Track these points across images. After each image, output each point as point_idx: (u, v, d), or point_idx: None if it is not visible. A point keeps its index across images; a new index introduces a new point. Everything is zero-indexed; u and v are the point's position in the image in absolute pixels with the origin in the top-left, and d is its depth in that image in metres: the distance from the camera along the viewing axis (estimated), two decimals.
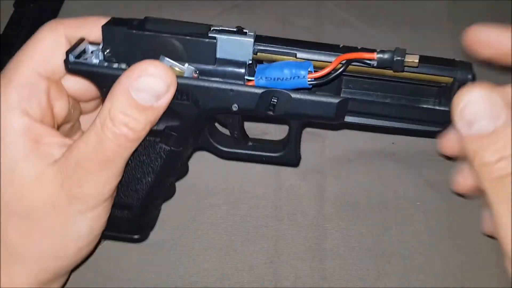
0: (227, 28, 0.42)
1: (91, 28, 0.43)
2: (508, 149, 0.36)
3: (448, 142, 0.43)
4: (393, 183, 0.60)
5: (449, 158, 0.49)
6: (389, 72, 0.42)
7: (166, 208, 0.56)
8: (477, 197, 0.41)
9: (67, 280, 0.49)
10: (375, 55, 0.40)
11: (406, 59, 0.40)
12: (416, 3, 0.76)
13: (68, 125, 0.48)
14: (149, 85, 0.39)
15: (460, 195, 0.51)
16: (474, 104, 0.36)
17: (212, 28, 0.42)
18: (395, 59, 0.40)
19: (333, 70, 0.40)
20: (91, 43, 0.44)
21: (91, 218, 0.42)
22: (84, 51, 0.43)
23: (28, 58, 0.42)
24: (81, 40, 0.43)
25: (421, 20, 0.74)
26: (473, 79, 0.42)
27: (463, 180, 0.44)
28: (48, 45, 0.42)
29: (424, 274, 0.54)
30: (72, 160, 0.40)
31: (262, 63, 0.43)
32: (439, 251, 0.55)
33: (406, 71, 0.41)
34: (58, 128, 0.46)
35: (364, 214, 0.57)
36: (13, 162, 0.40)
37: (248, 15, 0.74)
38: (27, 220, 0.41)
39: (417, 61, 0.40)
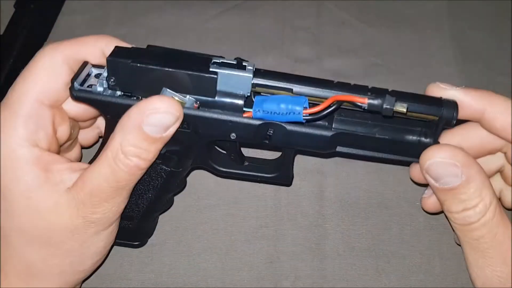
0: (227, 61, 0.44)
1: (89, 49, 0.44)
2: (471, 202, 0.41)
3: (417, 173, 0.48)
4: (393, 183, 0.60)
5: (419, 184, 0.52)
6: None
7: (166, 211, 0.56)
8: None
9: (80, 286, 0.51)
10: (366, 100, 0.42)
11: (395, 108, 0.42)
12: (416, 3, 0.76)
13: (67, 143, 0.49)
14: (159, 120, 0.40)
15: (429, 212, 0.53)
16: (437, 165, 0.41)
17: (213, 61, 0.44)
18: (384, 107, 0.42)
19: (326, 108, 0.43)
20: (94, 66, 0.45)
21: (105, 236, 0.45)
22: (88, 75, 0.45)
23: (30, 88, 0.42)
24: (85, 64, 0.44)
25: (421, 20, 0.74)
26: (457, 117, 0.44)
27: (430, 201, 0.50)
28: (48, 74, 0.43)
29: (424, 274, 0.54)
30: (86, 189, 0.42)
31: (260, 94, 0.45)
32: (439, 251, 0.55)
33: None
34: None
35: (364, 214, 0.57)
36: (27, 192, 0.41)
37: (248, 15, 0.74)
38: (48, 245, 0.43)
39: (405, 110, 0.42)
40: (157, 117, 0.40)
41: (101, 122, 0.52)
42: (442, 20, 0.74)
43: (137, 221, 0.51)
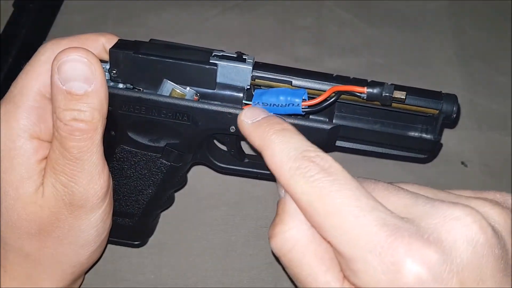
0: (227, 54, 0.44)
1: (91, 45, 0.44)
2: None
3: None
4: None
5: None
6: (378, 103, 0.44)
7: (167, 209, 0.56)
8: None
9: (83, 280, 0.51)
10: (365, 90, 0.42)
11: (394, 95, 0.42)
12: (416, 3, 0.76)
13: None
14: (72, 72, 0.39)
15: None
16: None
17: (213, 54, 0.44)
18: (383, 94, 0.42)
19: (325, 99, 0.43)
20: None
21: (94, 223, 0.44)
22: None
23: (32, 82, 0.42)
24: None
25: (421, 20, 0.74)
26: (458, 111, 0.44)
27: None
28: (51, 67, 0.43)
29: None
30: (49, 166, 0.41)
31: (260, 87, 0.45)
32: None
33: (394, 103, 0.43)
34: None
35: None
36: (17, 182, 0.41)
37: (248, 15, 0.74)
38: (38, 235, 0.43)
39: (404, 97, 0.42)
40: (66, 68, 0.39)
41: None
42: (443, 20, 0.74)
43: (137, 219, 0.51)
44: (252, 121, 0.39)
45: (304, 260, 0.33)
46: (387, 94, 0.42)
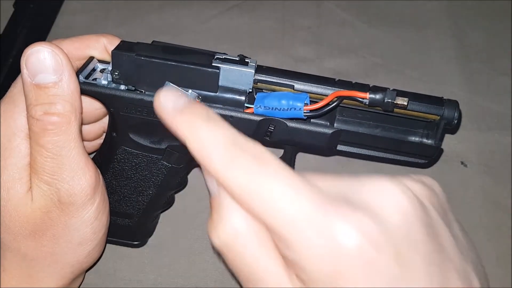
0: (230, 57, 0.44)
1: (92, 45, 0.45)
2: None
3: None
4: None
5: None
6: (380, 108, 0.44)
7: (167, 210, 0.56)
8: None
9: (83, 279, 0.50)
10: (367, 95, 0.42)
11: (396, 101, 0.42)
12: (416, 3, 0.76)
13: None
14: (39, 64, 0.39)
15: None
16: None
17: (216, 57, 0.44)
18: (385, 100, 0.42)
19: (327, 104, 0.43)
20: (100, 61, 0.45)
21: (89, 220, 0.43)
22: (93, 70, 0.45)
23: None
24: (91, 59, 0.45)
25: (421, 20, 0.74)
26: (459, 117, 0.44)
27: None
28: None
29: None
30: (31, 166, 0.41)
31: (262, 91, 0.45)
32: None
33: (396, 108, 0.44)
34: None
35: None
36: (9, 183, 0.41)
37: (248, 15, 0.74)
38: (33, 234, 0.43)
39: (406, 103, 0.42)
40: (32, 61, 0.39)
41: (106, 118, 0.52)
42: (443, 20, 0.74)
43: (137, 219, 0.51)
44: (173, 107, 0.35)
45: (247, 250, 0.32)
46: (389, 100, 0.42)
